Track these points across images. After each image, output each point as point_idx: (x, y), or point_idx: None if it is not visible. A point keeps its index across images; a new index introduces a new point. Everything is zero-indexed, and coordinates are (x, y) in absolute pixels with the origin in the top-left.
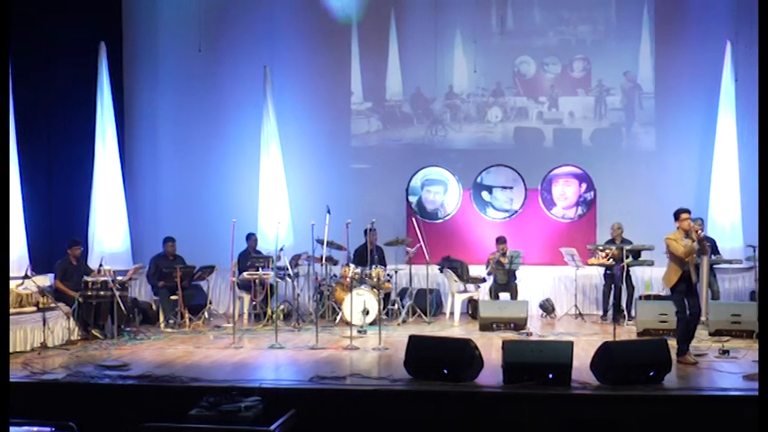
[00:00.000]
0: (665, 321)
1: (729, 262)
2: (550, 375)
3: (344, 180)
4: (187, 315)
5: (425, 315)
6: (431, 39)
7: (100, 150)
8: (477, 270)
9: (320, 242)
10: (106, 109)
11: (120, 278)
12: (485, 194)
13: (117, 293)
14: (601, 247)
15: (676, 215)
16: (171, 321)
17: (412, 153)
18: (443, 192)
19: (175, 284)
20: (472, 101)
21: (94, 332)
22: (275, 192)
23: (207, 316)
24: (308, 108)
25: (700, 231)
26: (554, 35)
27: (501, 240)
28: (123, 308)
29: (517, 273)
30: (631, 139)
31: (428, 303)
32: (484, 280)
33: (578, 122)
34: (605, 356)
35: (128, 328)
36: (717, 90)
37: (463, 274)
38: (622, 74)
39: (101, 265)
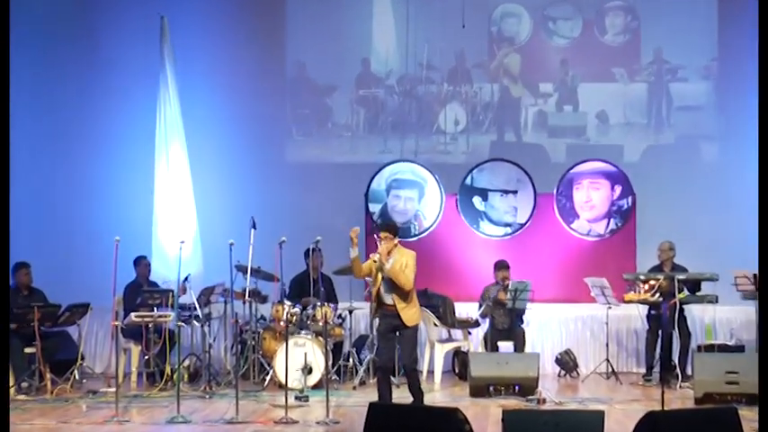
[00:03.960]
0: (734, 382)
1: None
2: None
3: (277, 181)
4: (49, 375)
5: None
6: None
7: None
8: (466, 309)
9: (241, 269)
10: None
11: None
12: (477, 201)
13: None
14: (643, 277)
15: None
16: (25, 385)
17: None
18: (418, 197)
19: (32, 331)
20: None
21: None
22: (177, 198)
23: (77, 376)
24: (227, 78)
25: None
26: None
27: (501, 266)
28: None
29: (523, 312)
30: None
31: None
32: (477, 324)
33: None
34: None
35: None
36: None
37: (447, 316)
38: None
39: None
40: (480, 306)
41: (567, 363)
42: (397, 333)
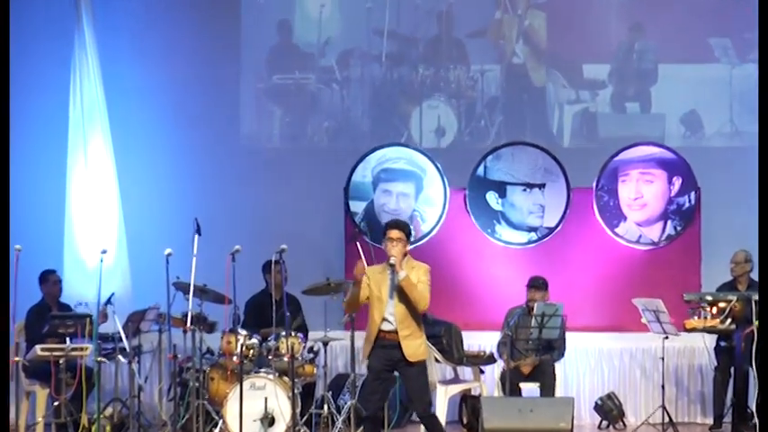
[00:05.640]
0: None
1: None
2: None
3: (229, 172)
4: None
5: (382, 426)
6: None
7: None
8: (477, 340)
9: (182, 288)
10: None
11: None
12: (492, 198)
13: None
14: (710, 298)
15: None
16: None
17: None
18: (415, 193)
19: None
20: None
21: None
22: (97, 194)
23: None
24: (164, 39)
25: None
26: None
27: (537, 284)
28: None
29: (554, 343)
30: None
31: (386, 403)
32: (491, 359)
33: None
34: None
35: None
36: None
37: (452, 349)
38: None
39: None
40: (503, 332)
41: (610, 410)
42: (395, 372)
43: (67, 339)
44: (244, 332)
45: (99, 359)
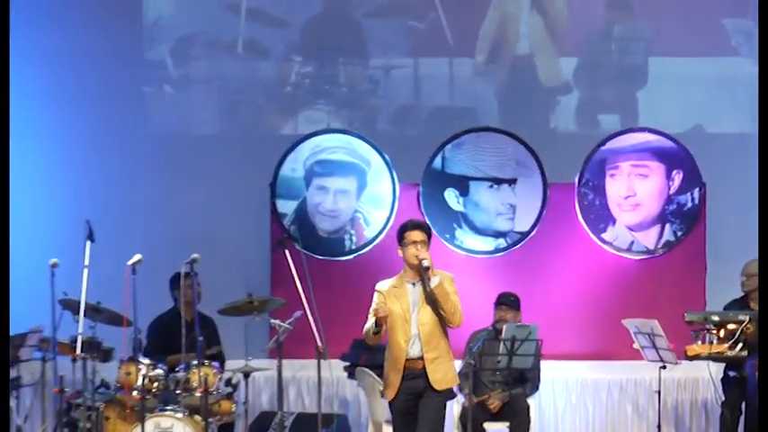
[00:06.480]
0: None
1: None
2: None
3: (130, 163)
4: None
5: None
6: None
7: None
8: None
9: (70, 306)
10: None
11: None
12: (451, 196)
13: None
14: (717, 318)
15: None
16: None
17: None
18: (357, 190)
19: None
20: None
21: None
22: None
23: None
24: (57, 13)
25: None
26: None
27: (506, 302)
28: None
29: (527, 374)
30: None
31: None
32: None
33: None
34: None
35: None
36: None
37: None
38: None
39: None
40: (465, 362)
41: None
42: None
43: None
44: (146, 361)
45: None
